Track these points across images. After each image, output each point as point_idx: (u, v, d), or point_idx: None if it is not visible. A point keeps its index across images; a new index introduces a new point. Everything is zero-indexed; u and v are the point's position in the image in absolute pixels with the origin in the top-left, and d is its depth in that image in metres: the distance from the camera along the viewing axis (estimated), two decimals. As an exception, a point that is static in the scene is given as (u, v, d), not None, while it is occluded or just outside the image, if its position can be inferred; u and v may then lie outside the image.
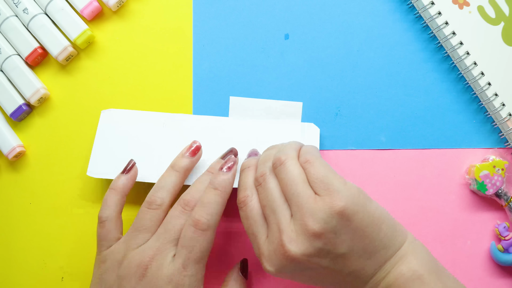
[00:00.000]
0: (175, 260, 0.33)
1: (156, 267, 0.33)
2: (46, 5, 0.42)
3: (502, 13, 0.42)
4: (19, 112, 0.41)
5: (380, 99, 0.42)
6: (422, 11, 0.41)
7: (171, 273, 0.33)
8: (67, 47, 0.42)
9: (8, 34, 0.42)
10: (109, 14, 0.43)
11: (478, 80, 0.41)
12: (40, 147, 0.42)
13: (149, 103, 0.42)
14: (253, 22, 0.43)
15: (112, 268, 0.34)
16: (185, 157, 0.38)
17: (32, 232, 0.41)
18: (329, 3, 0.43)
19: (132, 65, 0.43)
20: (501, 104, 0.40)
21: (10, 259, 0.41)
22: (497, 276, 0.40)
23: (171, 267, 0.33)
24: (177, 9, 0.43)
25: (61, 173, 0.42)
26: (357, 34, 0.43)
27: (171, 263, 0.33)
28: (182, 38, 0.43)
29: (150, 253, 0.33)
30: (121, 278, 0.33)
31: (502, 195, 0.40)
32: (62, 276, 0.41)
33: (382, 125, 0.41)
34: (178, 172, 0.37)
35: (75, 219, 0.41)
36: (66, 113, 0.42)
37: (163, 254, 0.33)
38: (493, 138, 0.42)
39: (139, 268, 0.33)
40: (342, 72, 0.42)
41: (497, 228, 0.40)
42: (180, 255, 0.33)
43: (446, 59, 0.42)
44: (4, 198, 0.42)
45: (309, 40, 0.42)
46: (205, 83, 0.42)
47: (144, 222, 0.34)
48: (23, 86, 0.41)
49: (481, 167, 0.40)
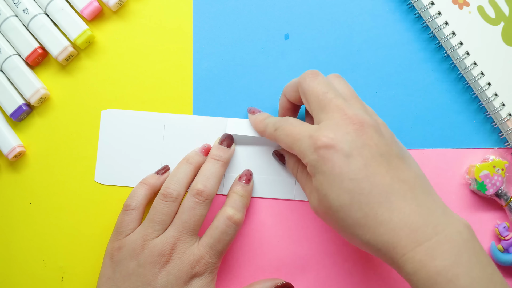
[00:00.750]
0: (198, 246, 0.35)
1: (179, 254, 0.35)
2: (46, 5, 0.42)
3: (502, 13, 0.42)
4: (19, 112, 0.41)
5: (380, 99, 0.42)
6: (422, 11, 0.41)
7: (194, 259, 0.35)
8: (67, 47, 0.42)
9: (8, 34, 0.42)
10: (109, 14, 0.43)
11: (478, 80, 0.41)
12: (40, 147, 0.42)
13: (149, 103, 0.42)
14: (253, 22, 0.43)
15: (130, 257, 0.35)
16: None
17: (32, 232, 0.41)
18: (329, 3, 0.43)
19: (132, 65, 0.43)
20: (501, 104, 0.40)
21: (10, 259, 0.41)
22: (497, 276, 0.40)
23: (195, 252, 0.35)
24: (177, 9, 0.43)
25: (61, 173, 0.42)
26: (357, 34, 0.43)
27: (194, 250, 0.35)
28: (182, 38, 0.43)
29: (171, 241, 0.35)
30: (142, 266, 0.35)
31: (502, 195, 0.40)
32: (62, 276, 0.41)
33: (382, 125, 0.41)
34: (191, 164, 0.39)
35: (75, 219, 0.41)
36: (66, 113, 0.42)
37: (184, 243, 0.35)
38: (493, 138, 0.42)
39: (162, 256, 0.35)
40: (342, 72, 0.42)
41: (497, 228, 0.40)
42: (204, 243, 0.35)
43: (446, 59, 0.42)
44: (4, 198, 0.42)
45: (309, 40, 0.43)
46: (205, 83, 0.42)
47: (161, 213, 0.36)
48: (23, 86, 0.41)
49: (481, 167, 0.40)
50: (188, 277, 0.35)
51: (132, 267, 0.35)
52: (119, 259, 0.35)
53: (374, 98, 0.42)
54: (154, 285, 0.34)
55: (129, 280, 0.34)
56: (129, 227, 0.36)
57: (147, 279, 0.34)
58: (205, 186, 0.37)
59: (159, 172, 0.40)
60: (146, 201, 0.38)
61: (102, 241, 0.40)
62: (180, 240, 0.35)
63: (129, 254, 0.35)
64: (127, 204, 0.37)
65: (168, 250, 0.35)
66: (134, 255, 0.35)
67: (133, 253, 0.35)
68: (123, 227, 0.36)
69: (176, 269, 0.34)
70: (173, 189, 0.37)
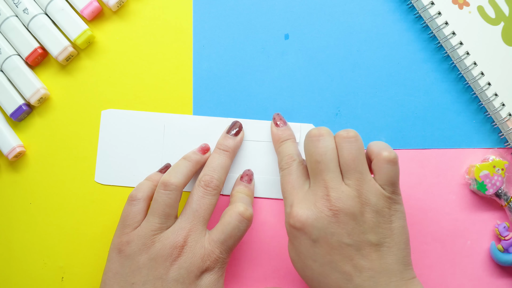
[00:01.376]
0: (209, 241, 0.35)
1: (191, 247, 0.34)
2: (46, 5, 0.42)
3: (502, 13, 0.42)
4: (19, 112, 0.41)
5: (380, 99, 0.42)
6: (422, 11, 0.41)
7: (205, 254, 0.34)
8: (67, 47, 0.42)
9: (8, 34, 0.42)
10: (109, 14, 0.43)
11: (478, 80, 0.41)
12: (40, 147, 0.42)
13: (149, 103, 0.42)
14: (253, 22, 0.43)
15: (140, 250, 0.34)
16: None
17: (32, 232, 0.41)
18: (329, 3, 0.43)
19: (132, 65, 0.43)
20: (501, 104, 0.40)
21: (10, 259, 0.41)
22: (497, 276, 0.40)
23: (206, 246, 0.35)
24: (177, 9, 0.43)
25: (61, 173, 0.42)
26: (357, 34, 0.43)
27: (205, 243, 0.35)
28: (182, 38, 0.43)
29: (183, 233, 0.35)
30: (154, 260, 0.34)
31: (502, 195, 0.40)
32: (62, 276, 0.41)
33: (382, 125, 0.41)
34: (189, 161, 0.38)
35: (75, 219, 0.41)
36: (66, 113, 0.42)
37: (195, 234, 0.35)
38: (493, 138, 0.42)
39: (174, 249, 0.34)
40: (342, 72, 0.42)
41: (497, 228, 0.40)
42: (215, 237, 0.35)
43: (446, 59, 0.42)
44: (4, 198, 0.42)
45: (309, 40, 0.43)
46: (205, 83, 0.42)
47: (163, 205, 0.35)
48: (23, 86, 0.41)
49: (481, 167, 0.40)
50: (200, 272, 0.34)
51: (143, 261, 0.34)
52: (128, 253, 0.34)
53: (374, 98, 0.42)
54: (165, 279, 0.33)
55: (140, 274, 0.34)
56: (136, 219, 0.36)
57: (158, 273, 0.34)
58: (212, 177, 0.37)
59: (162, 170, 0.40)
60: (152, 194, 0.37)
61: (102, 241, 0.40)
62: (192, 232, 0.35)
63: (139, 248, 0.34)
64: (133, 194, 0.37)
65: (181, 242, 0.34)
66: (144, 248, 0.34)
67: (144, 246, 0.34)
68: (130, 219, 0.36)
69: (188, 263, 0.34)
70: (173, 178, 0.36)
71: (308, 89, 0.42)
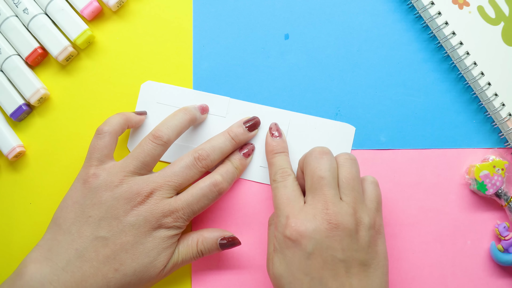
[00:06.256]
0: (176, 200, 0.35)
1: (155, 199, 0.35)
2: (46, 5, 0.42)
3: (502, 13, 0.42)
4: (19, 112, 0.41)
5: (380, 99, 0.42)
6: (422, 11, 0.41)
7: (169, 210, 0.35)
8: (67, 47, 0.42)
9: (8, 34, 0.42)
10: (109, 14, 0.43)
11: (478, 80, 0.41)
12: (40, 147, 0.42)
13: (149, 103, 0.42)
14: (253, 22, 0.43)
15: (106, 186, 0.35)
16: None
17: (32, 232, 0.41)
18: (329, 3, 0.43)
19: (132, 65, 0.43)
20: (501, 104, 0.40)
21: (10, 259, 0.41)
22: (497, 276, 0.40)
23: (171, 203, 0.35)
24: (177, 9, 0.43)
25: (61, 173, 0.42)
26: (357, 34, 0.43)
27: (171, 201, 0.35)
28: (182, 38, 0.43)
29: (152, 185, 0.35)
30: (116, 199, 0.34)
31: (502, 195, 0.40)
32: (62, 276, 0.41)
33: (382, 125, 0.41)
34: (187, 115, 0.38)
35: (75, 219, 0.41)
36: (66, 113, 0.42)
37: (163, 192, 0.35)
38: (493, 138, 0.42)
39: (138, 195, 0.34)
40: (342, 72, 0.42)
41: (497, 228, 0.40)
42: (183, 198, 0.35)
43: (446, 59, 0.42)
44: (4, 198, 0.42)
45: (309, 40, 0.43)
46: (205, 83, 0.42)
47: (146, 154, 0.36)
48: (23, 86, 0.41)
49: (481, 167, 0.40)
50: (157, 224, 0.34)
51: (105, 198, 0.34)
52: (93, 186, 0.35)
53: (374, 98, 0.42)
54: (122, 221, 0.34)
55: (99, 209, 0.34)
56: (102, 153, 0.36)
57: (117, 213, 0.34)
58: (208, 155, 0.37)
59: (138, 113, 0.40)
60: (120, 130, 0.37)
61: (102, 241, 0.40)
62: (162, 189, 0.35)
63: (105, 184, 0.35)
64: (99, 128, 0.37)
65: (147, 191, 0.35)
66: (111, 186, 0.35)
67: (110, 184, 0.35)
68: (96, 152, 0.36)
69: (148, 213, 0.34)
70: (164, 133, 0.36)
71: (308, 89, 0.42)
